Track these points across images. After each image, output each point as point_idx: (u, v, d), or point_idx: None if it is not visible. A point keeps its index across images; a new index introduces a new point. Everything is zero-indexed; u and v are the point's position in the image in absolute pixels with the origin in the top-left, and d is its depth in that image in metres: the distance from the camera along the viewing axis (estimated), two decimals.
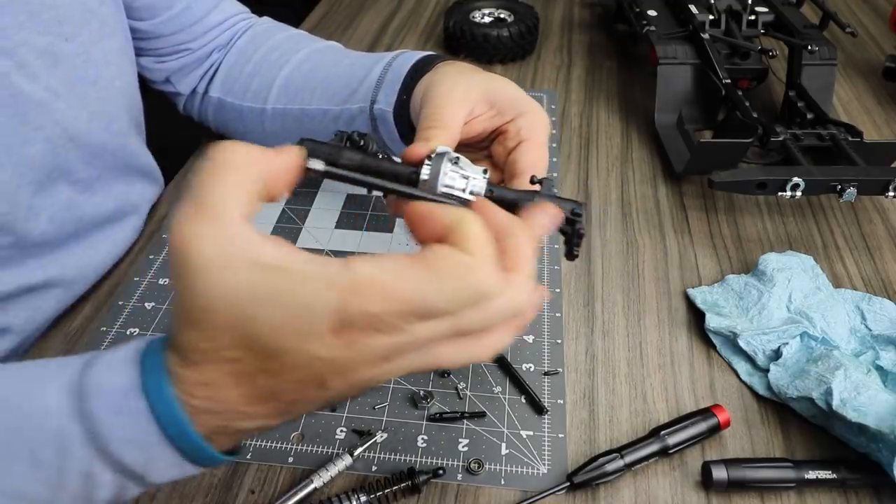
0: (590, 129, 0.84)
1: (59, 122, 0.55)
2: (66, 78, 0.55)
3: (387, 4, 1.14)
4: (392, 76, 0.60)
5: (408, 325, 0.30)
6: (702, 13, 0.87)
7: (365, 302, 0.29)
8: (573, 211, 0.44)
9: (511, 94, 0.50)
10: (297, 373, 0.31)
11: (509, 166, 0.49)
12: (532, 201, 0.43)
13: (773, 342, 0.55)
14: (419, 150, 0.43)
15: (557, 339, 0.58)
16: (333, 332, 0.30)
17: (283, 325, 0.30)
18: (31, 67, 0.53)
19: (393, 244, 0.67)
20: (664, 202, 0.73)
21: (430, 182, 0.42)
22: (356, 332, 0.30)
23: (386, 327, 0.30)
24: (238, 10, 0.75)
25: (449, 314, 0.31)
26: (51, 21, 0.53)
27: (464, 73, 0.52)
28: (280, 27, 0.75)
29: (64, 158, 0.57)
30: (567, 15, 1.12)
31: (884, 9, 1.14)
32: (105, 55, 0.59)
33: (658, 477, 0.49)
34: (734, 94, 0.77)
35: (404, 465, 0.49)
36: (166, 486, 0.48)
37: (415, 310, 0.30)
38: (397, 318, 0.30)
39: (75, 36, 0.56)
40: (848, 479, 0.48)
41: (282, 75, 0.68)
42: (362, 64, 0.64)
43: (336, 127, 0.64)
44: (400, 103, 0.58)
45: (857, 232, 0.70)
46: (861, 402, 0.48)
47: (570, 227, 0.44)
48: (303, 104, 0.66)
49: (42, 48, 0.53)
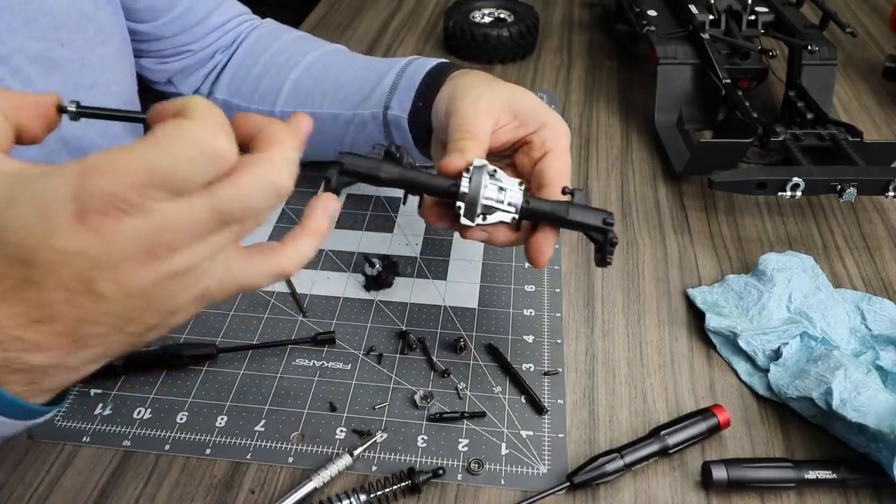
0: (590, 129, 0.84)
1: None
2: (61, 84, 0.55)
3: (387, 4, 1.14)
4: (406, 83, 0.60)
5: (154, 203, 0.29)
6: (702, 13, 0.87)
7: (96, 180, 0.28)
8: (605, 220, 0.46)
9: (533, 105, 0.51)
10: (57, 276, 0.29)
11: (537, 176, 0.50)
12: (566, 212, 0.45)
13: (773, 342, 0.55)
14: (456, 162, 0.44)
15: (557, 339, 0.58)
16: (76, 219, 0.29)
17: (26, 223, 0.29)
18: (26, 73, 0.53)
19: (393, 244, 0.67)
20: (664, 202, 0.73)
21: (471, 195, 0.44)
22: (98, 217, 0.29)
23: (128, 206, 0.29)
24: (240, 10, 0.75)
25: (196, 190, 0.30)
26: (46, 27, 0.54)
27: (486, 83, 0.53)
28: (285, 29, 0.76)
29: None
30: (567, 15, 1.12)
31: (884, 9, 1.14)
32: (101, 60, 0.59)
33: (658, 477, 0.49)
34: (734, 94, 0.77)
35: (404, 465, 0.49)
36: (166, 486, 0.48)
37: (148, 180, 0.29)
38: (134, 192, 0.29)
39: (71, 41, 0.56)
40: (848, 479, 0.48)
41: (291, 78, 0.68)
42: (374, 69, 0.64)
43: (347, 131, 0.65)
44: (415, 110, 0.59)
45: (857, 232, 0.70)
46: (861, 402, 0.48)
47: (602, 235, 0.46)
48: (313, 107, 0.66)
49: (37, 54, 0.53)
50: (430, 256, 0.66)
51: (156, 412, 0.52)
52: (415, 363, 0.56)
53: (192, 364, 0.55)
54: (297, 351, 0.57)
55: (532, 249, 0.47)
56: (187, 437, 0.51)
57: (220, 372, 0.55)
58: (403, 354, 0.57)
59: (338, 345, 0.57)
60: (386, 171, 0.44)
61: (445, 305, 0.61)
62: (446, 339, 0.58)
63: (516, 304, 0.61)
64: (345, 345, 0.57)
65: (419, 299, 0.61)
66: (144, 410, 0.52)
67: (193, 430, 0.51)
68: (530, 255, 0.48)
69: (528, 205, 0.45)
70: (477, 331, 0.59)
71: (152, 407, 0.53)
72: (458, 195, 0.44)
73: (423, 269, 0.64)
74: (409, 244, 0.67)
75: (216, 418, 0.52)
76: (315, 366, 0.56)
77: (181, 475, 0.49)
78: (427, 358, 0.56)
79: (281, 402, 0.53)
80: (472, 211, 0.44)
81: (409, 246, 0.67)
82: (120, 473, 0.49)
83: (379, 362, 0.56)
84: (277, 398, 0.53)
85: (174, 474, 0.49)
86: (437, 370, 0.55)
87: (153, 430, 0.51)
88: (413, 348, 0.57)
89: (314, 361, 0.56)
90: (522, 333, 0.58)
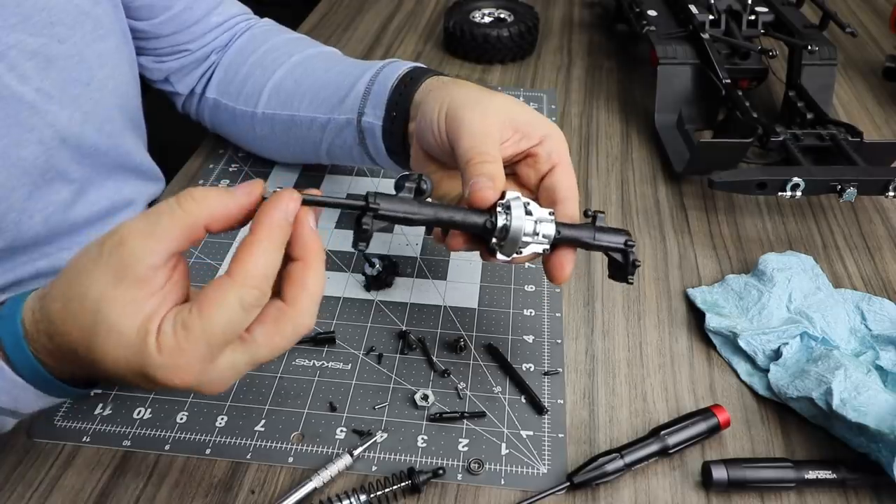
0: (590, 129, 0.84)
1: (52, 125, 0.55)
2: (58, 79, 0.55)
3: (387, 4, 1.14)
4: (379, 87, 0.59)
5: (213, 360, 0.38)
6: (702, 13, 0.87)
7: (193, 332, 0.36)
8: (626, 242, 0.48)
9: (531, 118, 0.51)
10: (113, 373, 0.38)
11: (548, 191, 0.50)
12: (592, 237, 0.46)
13: (773, 342, 0.55)
14: (489, 194, 0.44)
15: (557, 339, 0.58)
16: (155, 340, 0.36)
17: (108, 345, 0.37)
18: (23, 69, 0.53)
19: (393, 244, 0.67)
20: (664, 202, 0.73)
21: (513, 235, 0.44)
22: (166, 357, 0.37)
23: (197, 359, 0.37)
24: (239, 10, 0.75)
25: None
26: (43, 23, 0.53)
27: (485, 96, 0.51)
28: (280, 30, 0.75)
29: (57, 159, 0.57)
30: (567, 15, 1.12)
31: (884, 9, 1.14)
32: (99, 56, 0.59)
33: (658, 477, 0.49)
34: (734, 94, 0.77)
35: (404, 465, 0.49)
36: (166, 486, 0.48)
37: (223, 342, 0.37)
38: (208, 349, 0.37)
39: (68, 37, 0.56)
40: (848, 479, 0.48)
41: (273, 80, 0.68)
42: (350, 73, 0.63)
43: (323, 136, 0.64)
44: (390, 119, 0.58)
45: (857, 232, 0.70)
46: (861, 402, 0.48)
47: (625, 257, 0.47)
48: (292, 110, 0.66)
49: (34, 50, 0.53)
50: (430, 256, 0.66)
51: (156, 412, 0.52)
52: (415, 363, 0.56)
53: None
54: (297, 351, 0.57)
55: (554, 269, 0.48)
56: (187, 437, 0.51)
57: None
58: (403, 354, 0.57)
59: (338, 345, 0.57)
60: (422, 213, 0.43)
61: (445, 305, 0.61)
62: (446, 339, 0.58)
63: (516, 304, 0.61)
64: (345, 345, 0.57)
65: (419, 299, 0.61)
66: (144, 410, 0.52)
67: (193, 430, 0.51)
68: (552, 274, 0.48)
69: (559, 234, 0.46)
70: (477, 331, 0.59)
71: (152, 407, 0.52)
72: (496, 232, 0.44)
73: (423, 269, 0.64)
74: (409, 244, 0.67)
75: (216, 418, 0.52)
76: (315, 366, 0.56)
77: (181, 475, 0.49)
78: (427, 358, 0.56)
79: (281, 402, 0.53)
80: (511, 248, 0.45)
81: (409, 246, 0.67)
82: (120, 473, 0.49)
83: (379, 362, 0.56)
84: (277, 398, 0.53)
85: (174, 474, 0.49)
86: (437, 370, 0.55)
87: (153, 430, 0.51)
88: (413, 348, 0.57)
89: (314, 361, 0.56)
90: (522, 333, 0.58)
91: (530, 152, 0.50)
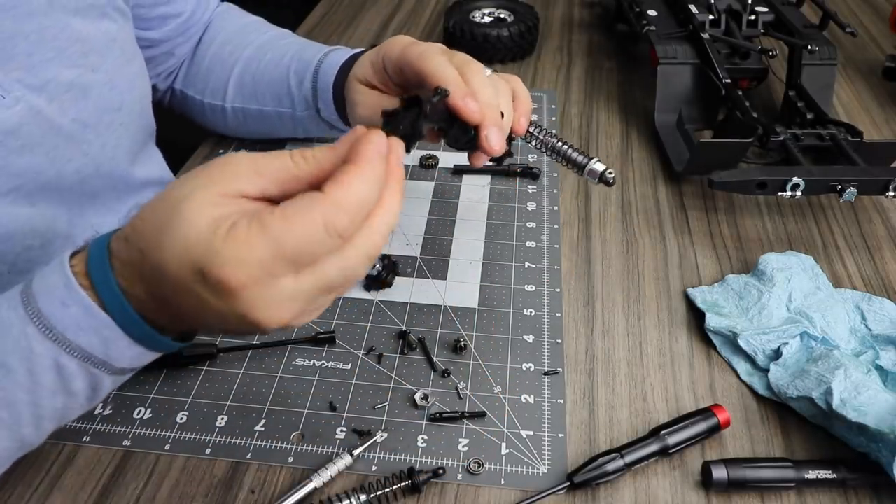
0: (590, 129, 0.84)
1: (87, 153, 0.57)
2: (93, 108, 0.56)
3: (387, 4, 1.14)
4: (322, 85, 0.64)
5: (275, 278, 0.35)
6: (702, 13, 0.87)
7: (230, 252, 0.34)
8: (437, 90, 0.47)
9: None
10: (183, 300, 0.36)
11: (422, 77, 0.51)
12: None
13: (773, 342, 0.55)
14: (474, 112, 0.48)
15: (557, 339, 0.58)
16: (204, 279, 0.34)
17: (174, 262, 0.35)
18: (60, 101, 0.53)
19: (393, 244, 0.67)
20: (664, 202, 0.73)
21: None
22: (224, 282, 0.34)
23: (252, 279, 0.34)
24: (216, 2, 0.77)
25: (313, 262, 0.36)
26: (77, 54, 0.54)
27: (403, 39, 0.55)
28: (235, 14, 0.77)
29: (90, 186, 0.58)
30: (567, 15, 1.12)
31: (884, 9, 1.14)
32: (128, 81, 0.60)
33: (658, 477, 0.49)
34: (734, 94, 0.77)
35: (404, 464, 0.49)
36: (166, 486, 0.48)
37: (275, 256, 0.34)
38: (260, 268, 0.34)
39: (100, 66, 0.57)
40: (848, 478, 0.48)
41: (234, 75, 0.71)
42: (295, 70, 0.67)
43: (296, 126, 0.70)
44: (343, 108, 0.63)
45: (857, 232, 0.70)
46: (861, 402, 0.48)
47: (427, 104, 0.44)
48: (258, 105, 0.70)
49: (70, 81, 0.54)
50: (430, 256, 0.66)
51: (156, 412, 0.52)
52: (415, 363, 0.56)
53: (192, 364, 0.55)
54: (297, 351, 0.57)
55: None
56: (187, 437, 0.51)
57: (220, 372, 0.55)
58: (403, 354, 0.57)
59: (338, 345, 0.57)
60: None
61: (445, 305, 0.61)
62: (446, 339, 0.58)
63: (516, 304, 0.61)
64: (345, 345, 0.57)
65: (419, 299, 0.61)
66: (144, 410, 0.52)
67: (193, 429, 0.51)
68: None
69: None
70: (477, 331, 0.59)
71: (152, 407, 0.53)
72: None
73: (423, 269, 0.64)
74: (409, 244, 0.67)
75: (216, 418, 0.52)
76: (315, 366, 0.56)
77: (181, 475, 0.49)
78: (427, 358, 0.56)
79: (281, 402, 0.53)
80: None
81: (409, 246, 0.67)
82: (120, 473, 0.49)
83: (379, 362, 0.56)
84: (277, 398, 0.53)
85: (174, 474, 0.49)
86: (437, 370, 0.55)
87: (153, 430, 0.51)
88: (413, 348, 0.57)
89: (314, 361, 0.56)
90: (522, 333, 0.58)
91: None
